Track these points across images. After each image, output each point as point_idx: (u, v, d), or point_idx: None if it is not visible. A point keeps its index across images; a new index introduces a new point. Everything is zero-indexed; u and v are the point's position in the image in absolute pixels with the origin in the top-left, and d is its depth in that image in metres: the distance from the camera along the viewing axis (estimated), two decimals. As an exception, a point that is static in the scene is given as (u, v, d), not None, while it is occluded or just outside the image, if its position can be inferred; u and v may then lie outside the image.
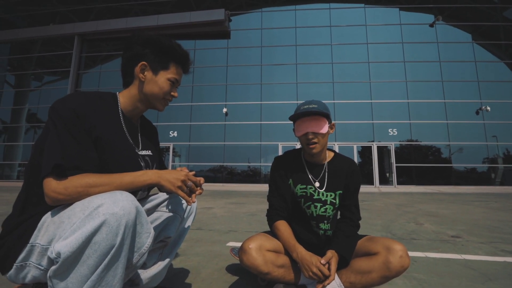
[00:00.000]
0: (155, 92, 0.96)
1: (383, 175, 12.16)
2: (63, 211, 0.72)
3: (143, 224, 0.75)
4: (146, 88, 0.95)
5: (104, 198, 0.67)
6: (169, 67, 0.97)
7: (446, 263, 1.67)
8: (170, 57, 0.96)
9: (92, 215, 0.64)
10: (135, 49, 0.94)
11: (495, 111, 12.06)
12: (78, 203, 0.71)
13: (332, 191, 1.23)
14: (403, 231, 2.65)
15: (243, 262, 1.09)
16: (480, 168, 12.07)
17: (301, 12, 14.12)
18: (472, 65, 12.78)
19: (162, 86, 0.96)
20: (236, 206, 4.56)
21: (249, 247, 1.08)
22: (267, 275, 1.09)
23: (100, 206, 0.65)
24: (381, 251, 1.03)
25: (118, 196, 0.68)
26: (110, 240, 0.64)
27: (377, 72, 13.00)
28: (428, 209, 4.36)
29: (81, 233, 0.63)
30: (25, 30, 15.53)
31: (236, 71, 13.82)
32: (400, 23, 13.50)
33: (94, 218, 0.64)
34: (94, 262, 0.64)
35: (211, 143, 13.13)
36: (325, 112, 1.16)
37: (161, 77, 0.96)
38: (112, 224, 0.64)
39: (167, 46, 0.95)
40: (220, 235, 2.39)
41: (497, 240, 2.28)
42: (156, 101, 0.98)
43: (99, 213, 0.64)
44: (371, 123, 12.51)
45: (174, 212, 1.06)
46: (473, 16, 13.40)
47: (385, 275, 1.01)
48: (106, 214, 0.64)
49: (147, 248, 0.77)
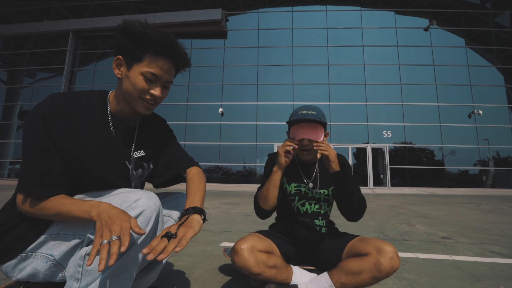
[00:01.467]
0: (129, 90, 0.82)
1: (377, 176, 12.28)
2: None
3: (160, 221, 0.82)
4: (123, 86, 0.84)
5: (139, 194, 0.76)
6: (143, 59, 0.80)
7: (436, 264, 1.70)
8: (144, 46, 0.79)
9: (132, 206, 0.73)
10: (116, 40, 0.82)
11: (487, 115, 12.29)
12: (112, 198, 0.76)
13: (325, 188, 1.28)
14: (395, 232, 2.68)
15: (235, 263, 1.09)
16: (472, 170, 12.28)
17: (298, 14, 14.19)
18: (465, 69, 13.01)
19: (134, 82, 0.81)
20: (231, 206, 4.56)
21: (241, 248, 1.09)
22: (259, 276, 1.09)
23: (138, 199, 0.74)
24: (372, 252, 1.04)
25: (150, 194, 0.78)
26: (143, 227, 0.72)
27: (372, 75, 13.14)
28: (420, 210, 4.42)
29: None
30: (19, 25, 15.26)
31: (233, 71, 13.81)
32: (395, 26, 13.68)
33: (134, 209, 0.72)
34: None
35: (207, 143, 13.10)
36: (323, 121, 1.20)
37: (134, 72, 0.81)
38: (147, 214, 0.73)
39: (139, 33, 0.77)
40: (213, 236, 2.39)
41: (486, 242, 2.32)
42: (132, 100, 0.84)
43: (138, 205, 0.73)
44: (366, 125, 12.62)
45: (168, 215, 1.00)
46: (466, 21, 13.65)
47: (375, 276, 1.02)
48: (144, 206, 0.73)
49: None
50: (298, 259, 1.29)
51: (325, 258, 1.22)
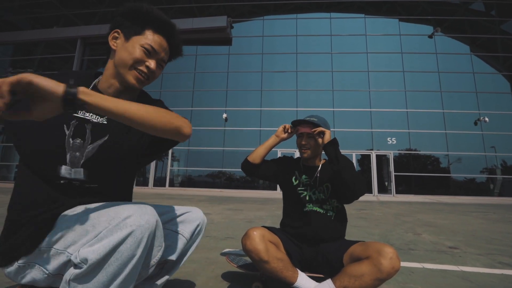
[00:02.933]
0: (124, 58, 0.82)
1: (382, 184, 12.14)
2: (86, 220, 0.72)
3: (158, 238, 0.76)
4: (117, 56, 0.83)
5: (131, 210, 0.69)
6: (143, 32, 0.83)
7: (443, 274, 1.66)
8: (146, 21, 0.83)
9: (120, 225, 0.66)
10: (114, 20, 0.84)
11: (493, 122, 12.14)
12: (103, 213, 0.71)
13: (321, 185, 1.42)
14: (401, 241, 2.64)
15: (246, 247, 1.17)
16: (479, 178, 12.07)
17: (302, 21, 14.33)
18: (470, 76, 12.93)
19: (131, 51, 0.82)
20: (234, 212, 4.53)
21: (253, 233, 1.17)
22: (266, 264, 1.14)
23: (128, 217, 0.67)
24: (372, 254, 1.07)
25: (144, 209, 0.70)
26: (132, 251, 0.66)
27: (377, 81, 13.12)
28: (426, 219, 4.34)
29: (108, 242, 0.64)
30: (29, 32, 15.65)
31: (237, 77, 13.92)
32: (399, 33, 13.70)
33: (122, 229, 0.65)
34: (114, 271, 0.65)
35: (210, 148, 13.13)
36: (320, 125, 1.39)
37: (132, 42, 0.83)
38: (138, 235, 0.66)
39: (141, 9, 0.82)
40: (216, 242, 2.37)
41: (495, 252, 2.26)
42: (125, 70, 0.83)
43: (127, 224, 0.66)
44: (370, 132, 12.55)
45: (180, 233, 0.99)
46: (471, 29, 13.62)
47: (377, 277, 1.03)
48: (133, 225, 0.66)
49: (156, 260, 0.78)
50: (301, 260, 1.32)
51: (327, 263, 1.24)
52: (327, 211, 1.37)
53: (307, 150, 1.43)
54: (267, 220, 3.58)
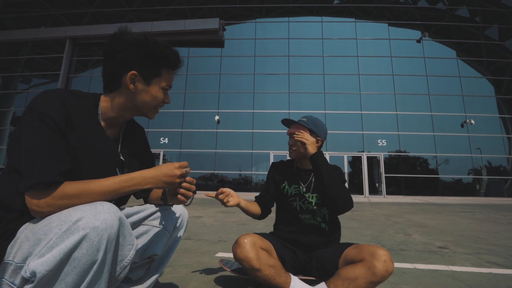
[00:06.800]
0: (147, 102, 0.89)
1: (372, 185, 12.31)
2: (39, 227, 0.66)
3: (126, 236, 0.72)
4: (138, 98, 0.87)
5: (83, 211, 0.63)
6: (162, 73, 0.89)
7: (433, 275, 1.68)
8: (163, 63, 0.88)
9: (71, 229, 0.60)
10: (121, 55, 0.83)
11: (479, 124, 12.53)
12: (54, 218, 0.65)
13: (316, 192, 1.37)
14: (392, 242, 2.67)
15: (237, 255, 1.13)
16: (466, 179, 12.41)
17: (294, 24, 14.47)
18: (457, 80, 13.32)
19: (155, 96, 0.89)
20: (226, 215, 4.50)
21: (244, 241, 1.14)
22: (258, 272, 1.11)
23: (79, 220, 0.61)
24: (366, 257, 1.06)
25: (98, 208, 0.64)
26: (91, 256, 0.61)
27: (367, 84, 13.36)
28: (416, 219, 4.42)
29: (59, 250, 0.59)
30: (16, 31, 15.21)
31: (229, 80, 13.91)
32: (389, 38, 14.01)
33: (73, 233, 0.60)
34: (73, 280, 0.60)
35: (202, 151, 13.03)
36: (309, 126, 1.37)
37: (154, 86, 0.88)
38: (93, 238, 0.61)
39: (159, 53, 0.86)
40: (209, 245, 2.34)
41: (482, 251, 2.32)
42: (148, 110, 0.92)
43: (79, 227, 0.60)
44: (361, 134, 12.74)
45: (162, 226, 1.00)
46: (457, 34, 14.07)
47: (371, 280, 1.03)
48: (86, 228, 0.60)
49: (129, 261, 0.75)
50: (294, 265, 1.31)
51: (321, 266, 1.23)
52: (320, 224, 1.33)
53: (294, 151, 1.40)
54: (259, 223, 3.57)
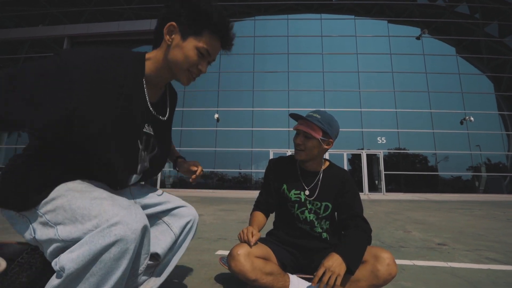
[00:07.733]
0: (178, 59, 0.81)
1: (372, 182, 12.34)
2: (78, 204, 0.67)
3: (145, 245, 0.73)
4: (171, 53, 0.81)
5: (121, 216, 0.64)
6: (202, 34, 0.80)
7: (433, 271, 1.69)
8: (205, 23, 0.79)
9: (104, 232, 0.62)
10: (172, 6, 0.79)
11: (478, 121, 12.53)
12: (96, 207, 0.66)
13: (319, 201, 1.25)
14: (391, 239, 2.68)
15: (231, 268, 1.09)
16: (465, 176, 12.44)
17: (293, 22, 14.41)
18: (456, 77, 13.31)
19: (187, 54, 0.80)
20: (226, 213, 4.51)
21: (237, 253, 1.08)
22: (255, 282, 1.08)
23: (115, 224, 0.63)
24: (369, 259, 1.04)
25: (132, 216, 0.66)
26: (116, 261, 0.62)
27: (367, 82, 13.34)
28: (415, 216, 4.43)
29: (89, 249, 0.60)
30: (14, 30, 15.12)
31: (229, 77, 13.87)
32: (388, 35, 13.97)
33: (106, 236, 0.61)
34: (97, 281, 0.62)
35: (202, 149, 13.03)
36: (322, 127, 1.17)
37: (189, 44, 0.80)
38: (123, 246, 0.62)
39: (203, 10, 0.78)
40: (209, 243, 2.35)
41: (481, 248, 2.33)
42: (179, 71, 0.84)
43: (112, 232, 0.62)
44: (360, 131, 12.74)
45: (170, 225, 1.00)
46: (456, 31, 14.02)
47: (373, 283, 1.02)
48: (119, 235, 0.62)
49: (142, 269, 0.76)
50: (295, 267, 1.27)
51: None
52: (320, 234, 1.26)
53: (301, 152, 1.21)
54: (260, 221, 3.57)
